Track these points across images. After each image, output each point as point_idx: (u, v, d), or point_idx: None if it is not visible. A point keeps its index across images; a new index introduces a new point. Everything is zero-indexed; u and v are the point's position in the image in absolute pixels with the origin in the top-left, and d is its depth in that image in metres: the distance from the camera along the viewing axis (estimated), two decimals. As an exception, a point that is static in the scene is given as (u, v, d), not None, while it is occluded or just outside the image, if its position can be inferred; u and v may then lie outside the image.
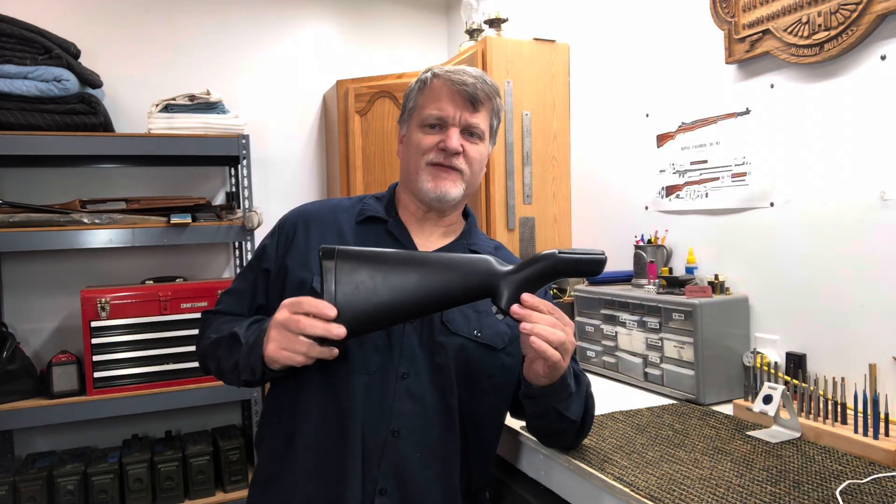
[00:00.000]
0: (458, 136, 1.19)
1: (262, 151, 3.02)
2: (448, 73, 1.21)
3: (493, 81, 1.24)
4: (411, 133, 1.24)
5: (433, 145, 1.19)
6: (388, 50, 3.29)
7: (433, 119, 1.20)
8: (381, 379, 1.10)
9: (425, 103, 1.22)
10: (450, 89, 1.19)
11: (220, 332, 1.18)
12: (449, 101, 1.19)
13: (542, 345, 0.97)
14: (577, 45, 2.30)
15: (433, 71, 1.23)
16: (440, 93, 1.20)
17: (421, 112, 1.22)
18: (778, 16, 1.47)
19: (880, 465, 1.11)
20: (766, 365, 1.38)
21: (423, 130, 1.21)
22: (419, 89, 1.24)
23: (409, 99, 1.27)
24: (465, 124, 1.20)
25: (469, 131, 1.21)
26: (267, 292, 1.22)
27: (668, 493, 1.02)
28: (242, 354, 1.08)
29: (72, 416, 2.32)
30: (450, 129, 1.19)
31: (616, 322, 1.75)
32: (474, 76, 1.20)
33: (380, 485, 1.07)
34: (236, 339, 1.11)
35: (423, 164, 1.20)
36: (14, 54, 2.29)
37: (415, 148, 1.22)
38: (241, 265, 2.83)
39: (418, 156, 1.21)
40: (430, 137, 1.20)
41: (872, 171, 1.33)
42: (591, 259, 1.01)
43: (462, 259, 1.03)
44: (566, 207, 2.35)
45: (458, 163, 1.20)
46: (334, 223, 1.23)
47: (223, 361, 1.14)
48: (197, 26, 2.93)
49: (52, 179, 2.69)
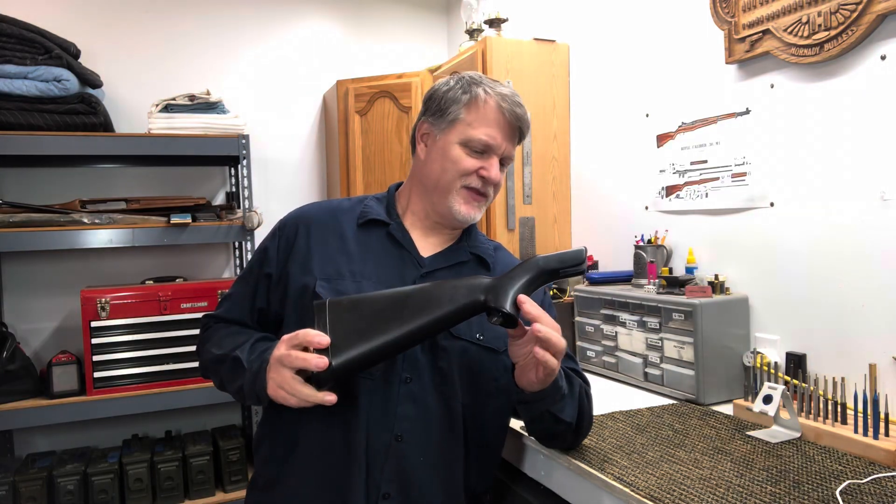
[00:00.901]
0: (498, 165, 1.19)
1: (262, 151, 3.03)
2: (501, 96, 1.17)
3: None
4: (448, 146, 1.17)
5: (474, 170, 1.17)
6: (388, 50, 3.29)
7: (481, 145, 1.16)
8: (384, 383, 1.10)
9: (474, 122, 1.16)
10: (503, 117, 1.16)
11: (222, 348, 1.16)
12: (499, 129, 1.16)
13: (545, 354, 0.99)
14: (577, 45, 2.30)
15: (482, 86, 1.18)
16: (492, 116, 1.16)
17: (467, 130, 1.16)
18: (778, 16, 1.47)
19: (880, 465, 1.11)
20: (766, 365, 1.38)
21: (464, 150, 1.16)
22: (467, 103, 1.17)
23: (448, 104, 1.18)
24: (504, 156, 1.19)
25: (503, 161, 1.20)
26: (268, 296, 1.21)
27: (668, 493, 1.02)
28: (247, 381, 1.08)
29: (72, 416, 2.32)
30: (493, 158, 1.18)
31: (616, 322, 1.75)
32: (520, 103, 1.18)
33: (383, 489, 1.07)
34: (239, 363, 1.11)
35: (459, 185, 1.18)
36: (14, 54, 2.29)
37: (452, 164, 1.17)
38: (241, 265, 2.83)
39: (455, 176, 1.17)
40: (472, 161, 1.17)
41: (872, 171, 1.33)
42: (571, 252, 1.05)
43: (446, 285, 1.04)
44: (566, 207, 2.35)
45: (490, 190, 1.20)
46: (335, 226, 1.21)
47: (227, 383, 1.16)
48: (197, 26, 2.93)
49: (52, 179, 2.69)
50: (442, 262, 1.20)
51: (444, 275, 1.18)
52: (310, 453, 1.10)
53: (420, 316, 1.00)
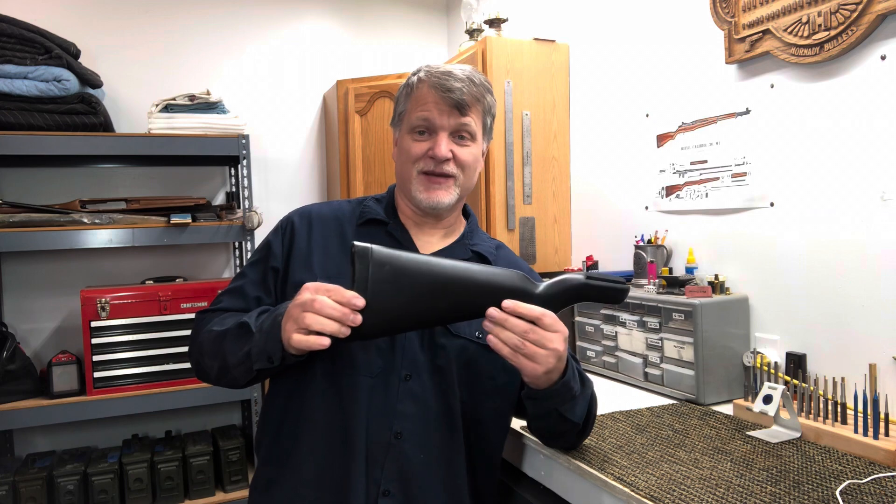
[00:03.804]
0: (448, 141, 1.18)
1: (262, 151, 3.03)
2: (434, 76, 1.18)
3: (482, 78, 1.21)
4: (402, 139, 1.23)
5: (423, 153, 1.18)
6: (388, 50, 3.29)
7: (421, 125, 1.18)
8: (384, 381, 1.10)
9: (412, 108, 1.20)
10: (435, 95, 1.17)
11: (224, 325, 1.13)
12: (435, 106, 1.17)
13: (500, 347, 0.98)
14: (577, 45, 2.30)
15: (419, 74, 1.21)
16: (426, 98, 1.18)
17: (409, 117, 1.20)
18: (778, 16, 1.47)
19: (880, 465, 1.11)
20: (766, 365, 1.38)
21: (412, 137, 1.20)
22: (407, 94, 1.22)
23: (398, 102, 1.25)
24: (455, 127, 1.18)
25: (459, 134, 1.19)
26: (275, 290, 1.20)
27: (668, 493, 1.02)
28: (256, 342, 1.04)
29: (72, 416, 2.32)
30: (438, 135, 1.17)
31: (616, 322, 1.75)
32: (461, 79, 1.17)
33: (383, 487, 1.07)
34: (246, 328, 1.07)
35: (415, 172, 1.19)
36: (14, 54, 2.29)
37: (405, 155, 1.21)
38: (241, 265, 2.83)
39: (409, 163, 1.20)
40: (420, 144, 1.19)
41: (872, 171, 1.33)
42: (615, 288, 1.04)
43: (495, 276, 1.02)
44: (566, 207, 2.35)
45: (449, 169, 1.18)
46: (336, 225, 1.23)
47: (229, 355, 1.09)
48: (197, 26, 2.93)
49: (52, 179, 2.69)
50: None
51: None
52: (310, 452, 1.10)
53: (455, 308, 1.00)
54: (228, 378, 1.13)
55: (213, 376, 1.16)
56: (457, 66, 1.22)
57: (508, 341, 0.98)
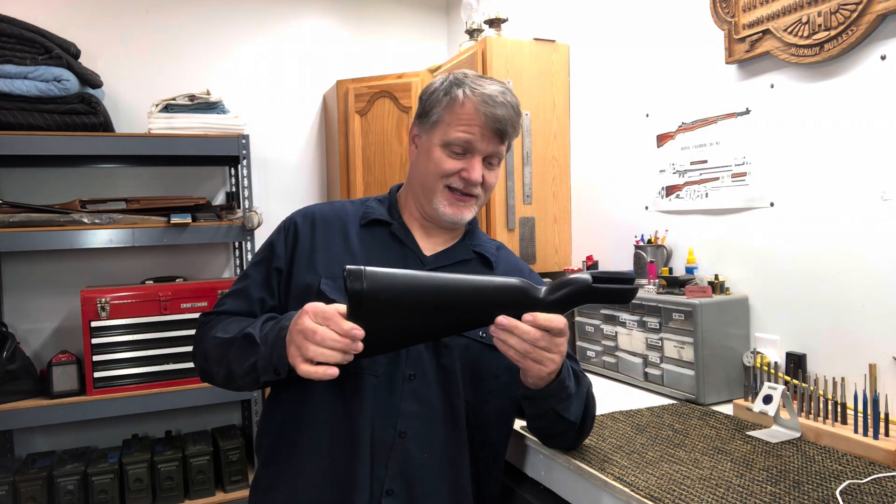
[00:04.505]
0: (481, 166, 1.17)
1: (262, 151, 3.03)
2: (480, 97, 1.14)
3: (517, 103, 1.19)
4: (432, 148, 1.18)
5: (455, 171, 1.17)
6: (388, 50, 3.29)
7: (459, 146, 1.16)
8: (388, 380, 1.10)
9: (452, 122, 1.16)
10: (482, 120, 1.14)
11: (228, 332, 1.13)
12: (478, 129, 1.14)
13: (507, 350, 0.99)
14: (577, 45, 2.30)
15: (464, 90, 1.16)
16: (471, 119, 1.15)
17: (446, 131, 1.16)
18: (778, 16, 1.47)
19: (880, 465, 1.11)
20: (766, 365, 1.38)
21: (445, 151, 1.17)
22: (447, 105, 1.17)
23: (432, 105, 1.19)
24: (490, 153, 1.18)
25: (489, 161, 1.19)
26: (279, 290, 1.20)
27: (668, 493, 1.02)
28: (262, 355, 1.04)
29: (72, 416, 2.32)
30: (474, 158, 1.16)
31: (616, 322, 1.75)
32: (504, 105, 1.15)
33: (387, 486, 1.07)
34: (251, 339, 1.07)
35: (441, 186, 1.18)
36: (14, 54, 2.29)
37: (434, 166, 1.17)
38: (241, 265, 2.83)
39: (437, 176, 1.17)
40: (454, 162, 1.17)
41: (872, 171, 1.33)
42: (623, 289, 1.01)
43: (496, 287, 0.99)
44: (566, 207, 2.35)
45: (477, 192, 1.19)
46: (339, 226, 1.23)
47: (235, 365, 1.09)
48: (197, 26, 2.92)
49: (52, 179, 2.69)
50: (444, 261, 1.21)
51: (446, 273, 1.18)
52: (313, 451, 1.10)
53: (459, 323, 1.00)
54: (234, 385, 1.14)
55: (220, 381, 1.17)
56: (496, 85, 1.18)
57: (517, 347, 0.98)
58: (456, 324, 1.01)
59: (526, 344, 0.97)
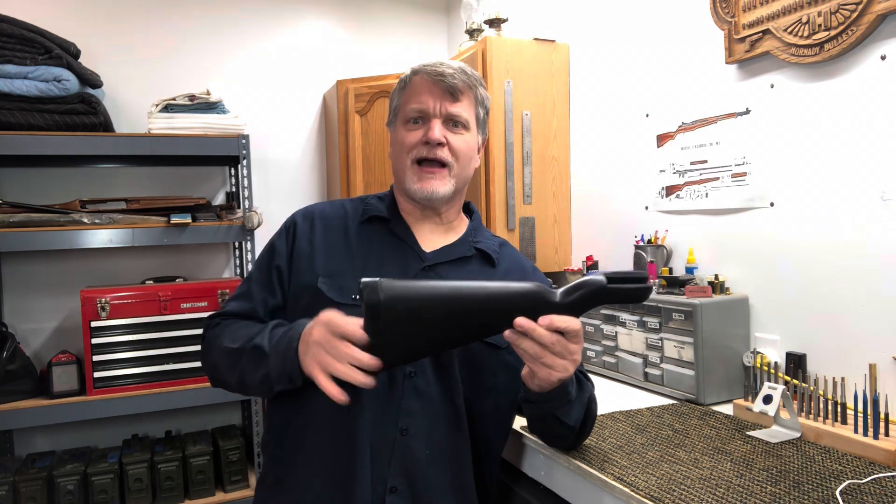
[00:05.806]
0: (441, 126, 1.19)
1: (262, 151, 3.02)
2: (426, 67, 1.21)
3: (474, 72, 1.23)
4: (397, 132, 1.24)
5: (417, 140, 1.19)
6: (388, 50, 3.29)
7: (414, 113, 1.20)
8: (388, 378, 1.10)
9: (406, 100, 1.22)
10: (428, 82, 1.19)
11: (236, 341, 1.14)
12: (428, 93, 1.19)
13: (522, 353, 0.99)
14: (577, 45, 2.30)
15: (413, 68, 1.23)
16: (420, 87, 1.20)
17: (403, 109, 1.22)
18: (778, 16, 1.47)
19: (880, 465, 1.11)
20: (766, 365, 1.38)
21: (406, 127, 1.21)
22: (400, 88, 1.25)
23: (393, 100, 1.27)
24: (447, 114, 1.19)
25: (453, 121, 1.20)
26: (282, 290, 1.21)
27: (668, 493, 1.02)
28: (273, 365, 1.05)
29: (72, 416, 2.32)
30: (431, 121, 1.19)
31: (616, 322, 1.75)
32: (453, 67, 1.20)
33: (390, 483, 1.07)
34: (260, 350, 1.08)
35: (409, 162, 1.20)
36: (14, 54, 2.29)
37: (399, 145, 1.22)
38: (241, 265, 2.83)
39: (404, 153, 1.21)
40: (414, 133, 1.20)
41: (872, 171, 1.33)
42: (638, 289, 1.01)
43: (512, 293, 0.99)
44: (566, 207, 2.35)
45: (442, 154, 1.19)
46: (339, 224, 1.24)
47: (247, 375, 1.11)
48: (197, 26, 2.92)
49: (52, 179, 2.69)
50: (444, 257, 1.22)
51: (446, 269, 1.19)
52: (316, 449, 1.10)
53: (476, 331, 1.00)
54: (249, 393, 1.17)
55: (233, 387, 1.18)
56: (449, 60, 1.24)
57: (529, 350, 0.98)
58: (474, 331, 1.00)
59: (538, 347, 0.97)
